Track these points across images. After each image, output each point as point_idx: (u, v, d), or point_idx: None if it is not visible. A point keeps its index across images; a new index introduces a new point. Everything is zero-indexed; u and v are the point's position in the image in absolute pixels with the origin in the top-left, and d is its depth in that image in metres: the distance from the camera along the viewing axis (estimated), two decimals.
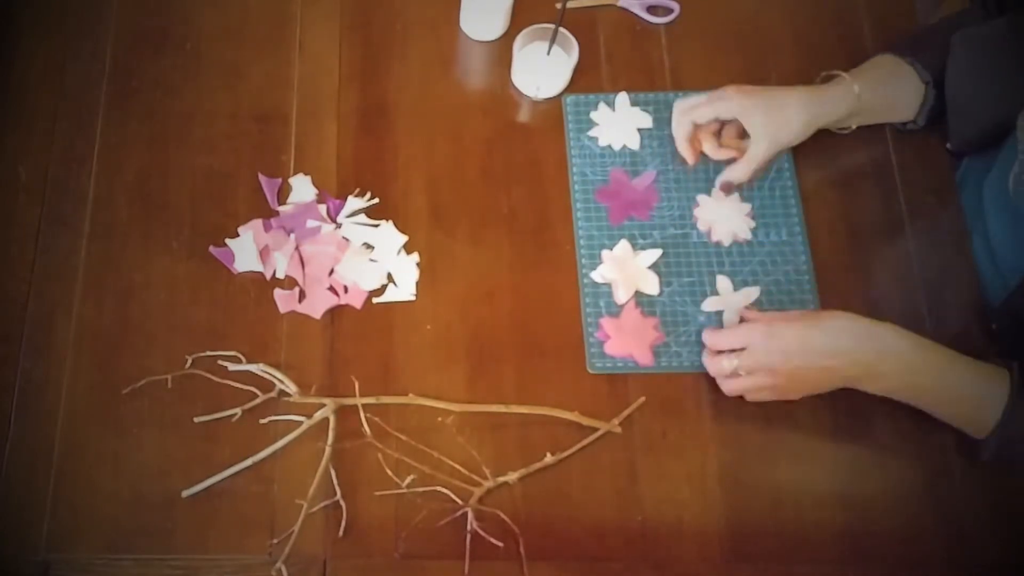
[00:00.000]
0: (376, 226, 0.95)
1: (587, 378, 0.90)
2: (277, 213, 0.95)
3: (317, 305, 0.91)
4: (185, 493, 0.84)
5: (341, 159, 0.97)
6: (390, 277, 0.93)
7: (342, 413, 0.86)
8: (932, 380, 0.82)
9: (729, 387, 0.87)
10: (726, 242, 0.95)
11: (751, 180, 0.95)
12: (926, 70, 0.93)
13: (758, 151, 0.92)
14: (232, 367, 0.87)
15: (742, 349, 0.85)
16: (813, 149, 0.98)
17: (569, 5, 0.95)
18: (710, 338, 0.88)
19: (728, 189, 0.95)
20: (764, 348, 0.83)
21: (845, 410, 0.89)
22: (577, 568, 0.84)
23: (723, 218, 0.95)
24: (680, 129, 0.95)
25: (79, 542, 0.83)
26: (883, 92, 0.94)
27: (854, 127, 0.97)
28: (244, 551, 0.83)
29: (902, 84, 0.94)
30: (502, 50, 1.03)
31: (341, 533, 0.83)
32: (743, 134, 0.94)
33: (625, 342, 0.90)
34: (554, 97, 1.01)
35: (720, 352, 0.86)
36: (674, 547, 0.84)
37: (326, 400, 0.86)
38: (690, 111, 0.94)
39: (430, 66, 1.03)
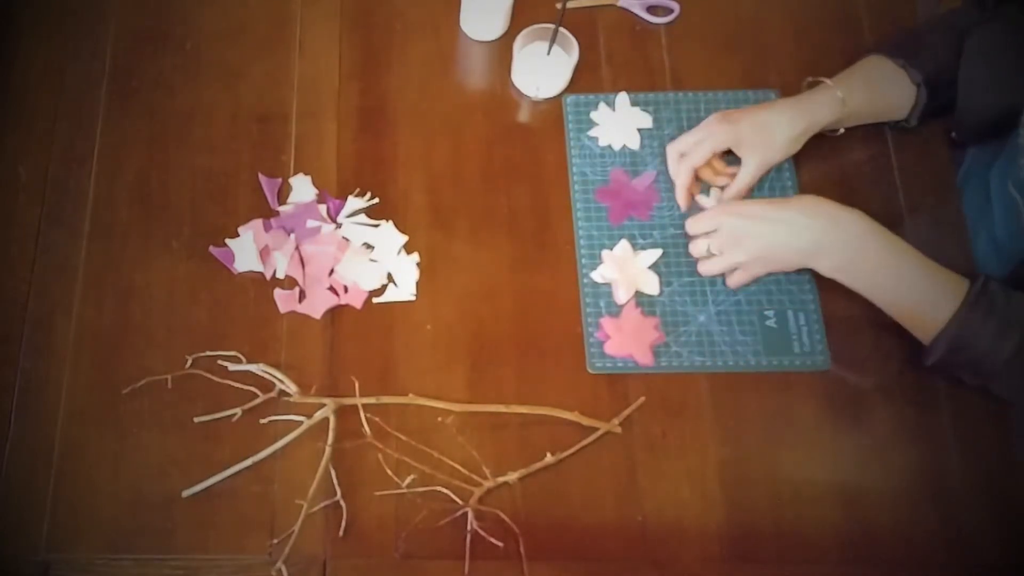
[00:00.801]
0: (376, 226, 0.95)
1: (587, 378, 0.90)
2: (277, 213, 0.95)
3: (317, 305, 0.91)
4: (185, 493, 0.84)
5: (341, 159, 0.97)
6: (390, 277, 0.93)
7: (342, 413, 0.86)
8: (888, 272, 0.85)
9: (706, 268, 0.92)
10: None
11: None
12: (917, 71, 0.93)
13: (748, 174, 0.93)
14: (232, 367, 0.87)
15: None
16: (813, 149, 0.98)
17: (569, 5, 0.95)
18: (689, 224, 0.92)
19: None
20: (733, 236, 0.89)
21: (845, 410, 0.89)
22: (577, 568, 0.84)
23: None
24: (681, 178, 0.95)
25: (79, 542, 0.83)
26: (872, 96, 0.94)
27: (842, 130, 0.97)
28: (244, 551, 0.83)
29: (892, 86, 0.94)
30: (502, 50, 1.03)
31: (341, 533, 0.83)
32: (727, 152, 0.95)
33: (625, 342, 0.90)
34: (554, 97, 1.01)
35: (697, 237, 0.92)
36: (674, 547, 0.84)
37: (326, 400, 0.86)
38: (687, 159, 0.94)
39: (430, 66, 1.03)
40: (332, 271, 0.92)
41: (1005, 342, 0.80)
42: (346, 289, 0.92)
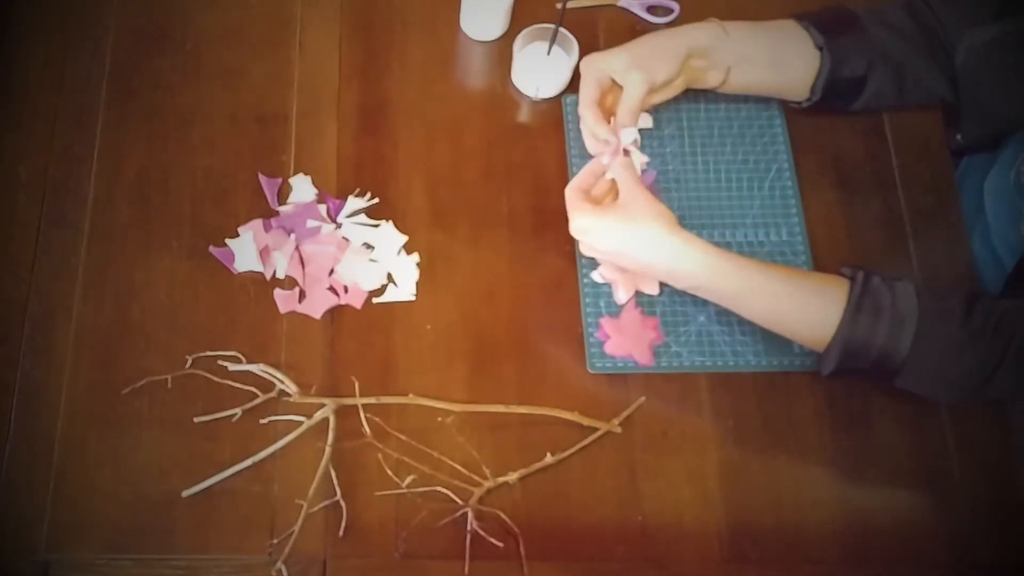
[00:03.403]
0: (376, 226, 0.95)
1: (587, 378, 0.90)
2: (277, 213, 0.95)
3: (317, 305, 0.91)
4: (185, 493, 0.84)
5: (341, 159, 0.97)
6: (390, 277, 0.93)
7: (342, 413, 0.86)
8: (755, 295, 0.83)
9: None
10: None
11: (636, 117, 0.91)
12: (820, 34, 0.90)
13: (633, 90, 0.89)
14: (232, 367, 0.87)
15: None
16: (813, 149, 0.99)
17: (569, 5, 0.94)
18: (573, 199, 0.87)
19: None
20: (591, 244, 0.86)
21: (845, 410, 0.89)
22: (577, 568, 0.84)
23: None
24: (586, 127, 0.92)
25: (79, 542, 0.83)
26: (763, 42, 0.91)
27: (735, 81, 0.93)
28: (244, 551, 0.83)
29: (790, 43, 0.91)
30: (502, 50, 1.03)
31: (341, 533, 0.83)
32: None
33: (625, 342, 0.90)
34: (554, 97, 1.01)
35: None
36: (674, 547, 0.84)
37: (326, 400, 0.86)
38: (582, 108, 0.91)
39: (430, 66, 1.03)
40: (332, 271, 0.92)
41: (900, 338, 0.79)
42: (346, 289, 0.92)
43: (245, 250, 0.92)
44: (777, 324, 0.84)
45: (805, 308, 0.82)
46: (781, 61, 0.92)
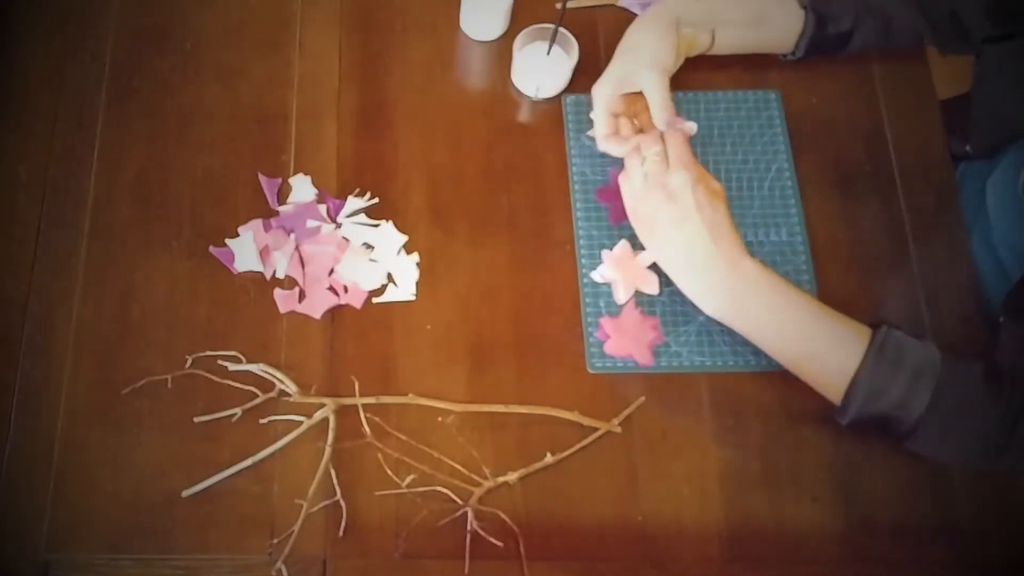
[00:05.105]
0: (376, 226, 0.95)
1: (587, 378, 0.90)
2: (277, 213, 0.95)
3: (317, 305, 0.91)
4: (185, 493, 0.84)
5: (341, 159, 0.97)
6: (390, 277, 0.93)
7: (342, 413, 0.86)
8: (780, 323, 0.82)
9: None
10: None
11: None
12: None
13: (652, 92, 0.89)
14: (232, 367, 0.87)
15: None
16: (813, 149, 0.99)
17: (569, 5, 0.94)
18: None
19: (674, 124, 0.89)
20: (690, 200, 0.84)
21: None
22: (577, 568, 0.84)
23: None
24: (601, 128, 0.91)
25: (79, 542, 0.83)
26: (747, 3, 0.92)
27: (721, 42, 0.94)
28: (244, 551, 0.83)
29: (774, 2, 0.92)
30: (502, 50, 1.03)
31: (341, 533, 0.83)
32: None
33: (625, 342, 0.90)
34: (554, 97, 1.01)
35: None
36: (674, 547, 0.84)
37: (326, 400, 0.86)
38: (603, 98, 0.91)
39: (430, 66, 1.03)
40: (332, 271, 0.92)
41: (918, 393, 0.77)
42: (346, 289, 0.92)
43: (245, 250, 0.92)
44: (796, 368, 0.83)
45: (823, 344, 0.81)
46: (765, 18, 0.93)
